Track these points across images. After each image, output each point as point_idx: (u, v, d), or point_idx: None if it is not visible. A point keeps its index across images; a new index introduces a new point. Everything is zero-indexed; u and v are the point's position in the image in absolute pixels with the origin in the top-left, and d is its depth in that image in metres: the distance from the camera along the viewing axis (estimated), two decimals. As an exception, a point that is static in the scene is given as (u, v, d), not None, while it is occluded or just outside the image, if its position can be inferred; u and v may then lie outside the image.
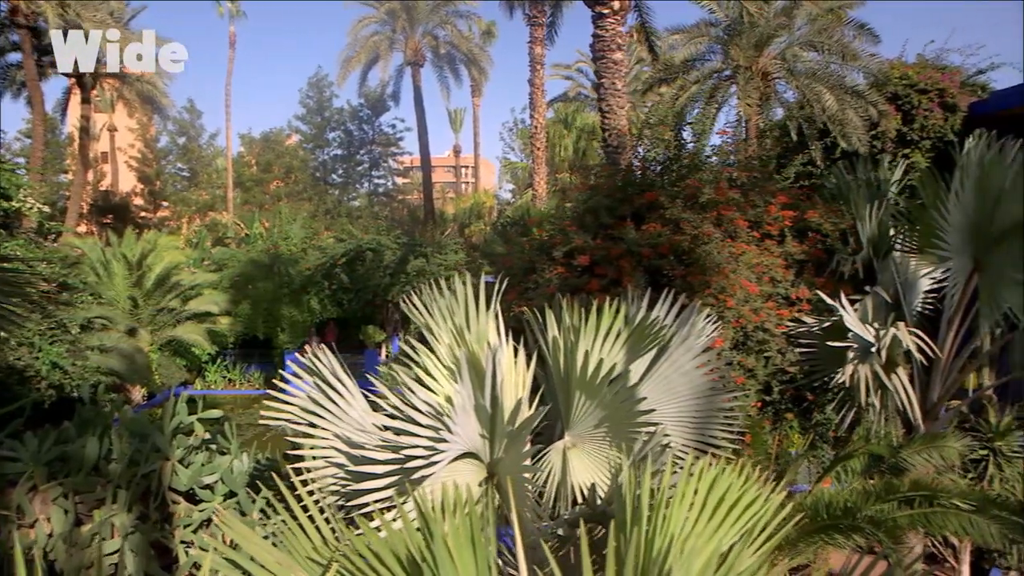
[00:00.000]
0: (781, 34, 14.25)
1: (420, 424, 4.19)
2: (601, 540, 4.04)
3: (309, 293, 24.27)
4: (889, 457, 6.46)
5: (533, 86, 21.52)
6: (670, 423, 5.50)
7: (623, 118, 11.37)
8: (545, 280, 6.94)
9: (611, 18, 11.44)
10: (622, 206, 7.60)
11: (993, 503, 5.75)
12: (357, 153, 48.51)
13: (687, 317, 5.42)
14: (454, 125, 68.60)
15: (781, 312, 7.09)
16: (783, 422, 7.20)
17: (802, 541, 5.85)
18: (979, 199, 6.58)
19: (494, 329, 4.92)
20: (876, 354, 6.55)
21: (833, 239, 7.79)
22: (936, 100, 15.73)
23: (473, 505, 3.01)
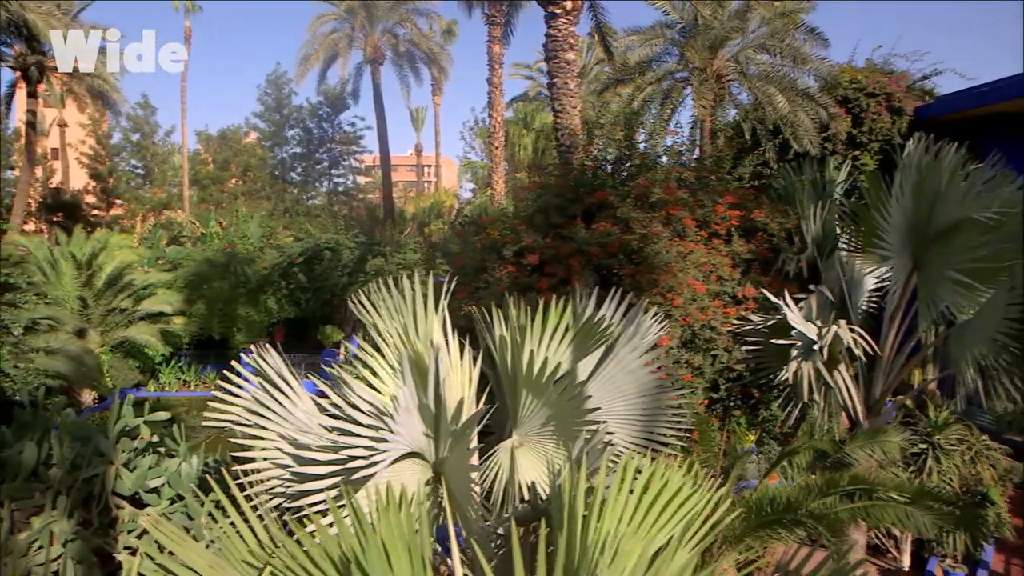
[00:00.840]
0: (735, 37, 14.46)
1: (361, 424, 4.17)
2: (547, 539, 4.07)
3: (266, 293, 23.95)
4: (832, 452, 6.61)
5: (492, 85, 21.51)
6: (617, 421, 5.55)
7: (576, 117, 11.43)
8: (495, 279, 6.94)
9: (563, 18, 11.48)
10: (572, 205, 7.64)
11: (927, 495, 5.92)
12: (316, 151, 47.98)
13: (633, 316, 5.48)
14: (416, 124, 68.28)
15: (728, 311, 7.20)
16: (731, 419, 7.31)
17: (748, 536, 5.95)
18: (917, 201, 6.77)
19: (439, 328, 4.92)
20: (818, 352, 6.69)
21: (779, 238, 7.94)
22: (884, 104, 16.17)
23: (408, 507, 3.00)
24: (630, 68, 14.93)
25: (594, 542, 2.96)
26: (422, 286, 5.03)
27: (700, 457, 6.28)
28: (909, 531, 6.06)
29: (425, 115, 65.34)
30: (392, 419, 4.07)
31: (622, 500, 3.08)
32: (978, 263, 6.61)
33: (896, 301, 7.42)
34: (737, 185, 8.79)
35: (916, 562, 9.48)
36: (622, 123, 8.88)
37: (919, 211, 6.81)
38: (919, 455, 9.05)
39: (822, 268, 7.84)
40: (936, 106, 16.48)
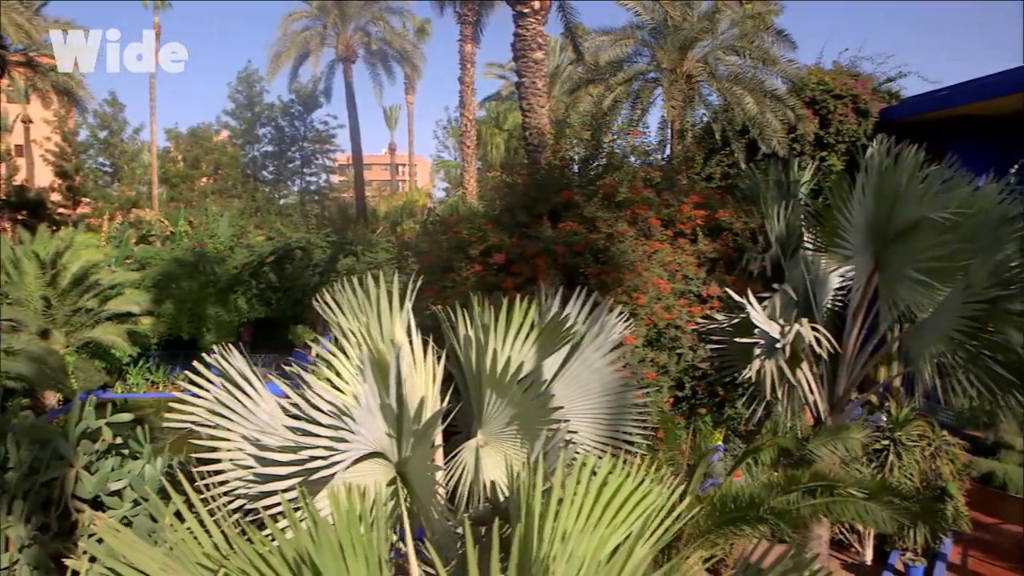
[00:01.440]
0: (704, 38, 14.58)
1: (321, 424, 4.14)
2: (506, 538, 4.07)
3: (236, 292, 23.72)
4: (795, 450, 6.70)
5: (463, 84, 21.48)
6: (581, 420, 5.57)
7: (544, 117, 11.44)
8: (462, 279, 6.93)
9: (532, 17, 11.48)
10: (539, 205, 7.65)
11: (886, 490, 6.02)
12: (288, 150, 47.52)
13: (598, 315, 5.50)
14: (389, 122, 67.99)
15: (693, 309, 7.26)
16: (697, 417, 7.37)
17: (712, 533, 6.02)
18: (878, 201, 6.88)
19: (402, 327, 4.90)
20: (781, 350, 6.77)
21: (744, 238, 8.02)
22: (850, 105, 16.43)
23: (366, 507, 2.98)
24: (601, 68, 14.98)
25: (549, 540, 2.97)
26: (387, 285, 5.01)
27: (666, 455, 6.33)
28: (869, 526, 6.15)
29: (399, 114, 65.10)
30: (352, 419, 4.04)
31: (578, 499, 3.09)
32: (936, 262, 6.74)
33: (858, 300, 7.54)
34: (705, 185, 8.87)
35: (878, 556, 9.65)
36: (589, 123, 8.90)
37: (880, 211, 6.92)
38: (881, 451, 9.21)
39: (786, 267, 7.94)
40: (900, 108, 16.79)
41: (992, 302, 6.20)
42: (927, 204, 6.57)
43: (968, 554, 9.77)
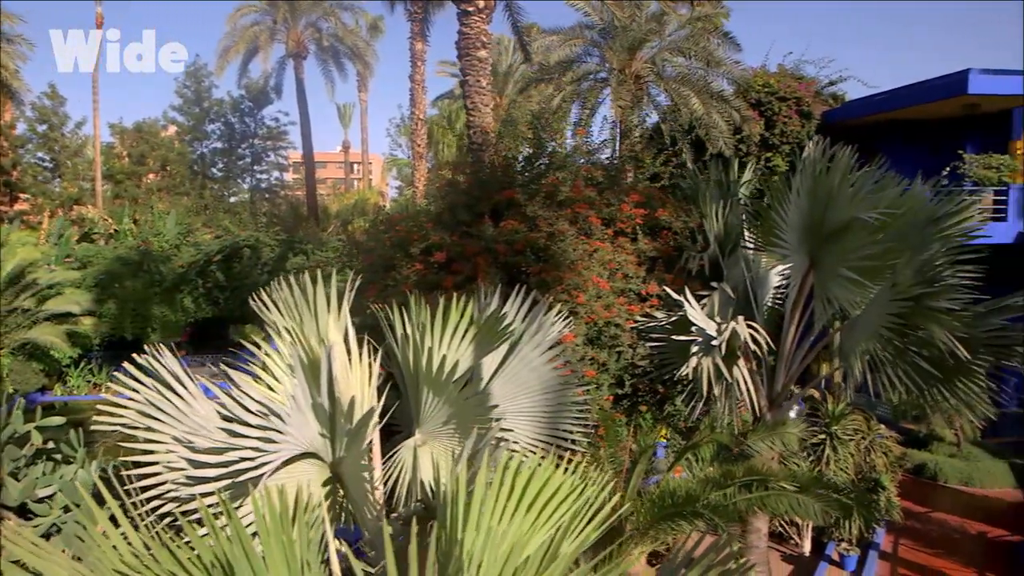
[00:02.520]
0: (652, 39, 14.75)
1: (250, 425, 4.08)
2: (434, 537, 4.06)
3: (182, 291, 23.23)
4: (732, 445, 6.82)
5: (414, 82, 21.37)
6: (520, 419, 5.58)
7: (488, 116, 11.43)
8: (403, 277, 6.88)
9: (476, 16, 11.46)
10: (480, 203, 7.64)
11: (817, 483, 6.18)
12: (239, 147, 46.57)
13: (536, 313, 5.52)
14: (344, 120, 67.12)
15: (632, 308, 7.33)
16: (638, 414, 7.46)
17: (652, 528, 6.10)
18: (812, 201, 7.03)
19: (336, 326, 4.84)
20: (717, 347, 6.88)
21: (683, 237, 8.14)
22: (794, 108, 16.85)
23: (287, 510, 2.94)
24: (550, 68, 15.05)
25: (472, 538, 2.97)
26: (325, 284, 4.95)
27: (607, 452, 6.38)
28: (800, 518, 6.31)
29: (353, 112, 64.38)
30: (280, 419, 3.99)
31: (502, 497, 3.10)
32: (867, 261, 6.92)
33: (795, 298, 7.71)
34: (649, 184, 8.97)
35: (816, 547, 9.92)
36: (531, 122, 8.93)
37: (814, 211, 7.08)
38: (818, 445, 9.45)
39: (724, 266, 8.07)
40: (841, 111, 17.27)
41: (916, 300, 6.40)
42: (858, 204, 6.74)
43: (899, 542, 10.11)
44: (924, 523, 10.82)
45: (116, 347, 22.84)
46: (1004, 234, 14.34)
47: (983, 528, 10.71)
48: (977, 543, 10.25)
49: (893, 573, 9.25)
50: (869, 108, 16.66)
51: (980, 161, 14.92)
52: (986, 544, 10.23)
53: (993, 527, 10.71)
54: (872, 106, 16.57)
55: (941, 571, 9.30)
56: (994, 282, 7.47)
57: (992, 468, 12.46)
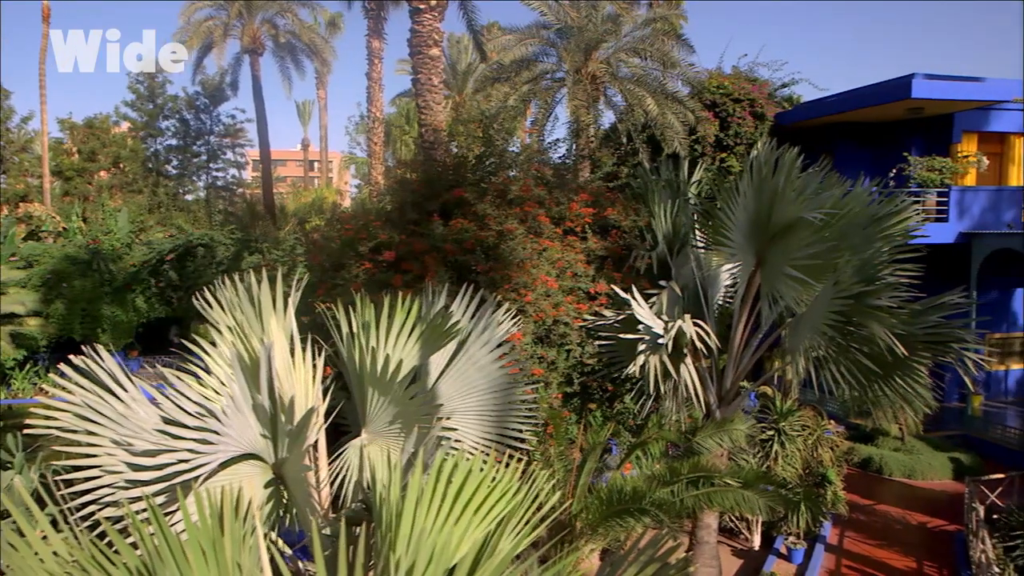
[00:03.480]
0: (608, 40, 14.84)
1: (187, 426, 4.00)
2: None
3: (134, 291, 22.69)
4: (680, 442, 6.90)
5: (371, 80, 21.16)
6: (468, 417, 5.57)
7: (440, 114, 11.37)
8: (352, 276, 6.82)
9: (428, 14, 11.39)
10: (429, 202, 7.61)
11: (762, 479, 6.29)
12: (194, 144, 45.57)
13: (484, 312, 5.52)
14: (303, 118, 66.32)
15: (581, 306, 7.38)
16: (587, 412, 7.50)
17: (601, 526, 6.15)
18: (758, 201, 7.15)
19: (278, 325, 4.78)
20: (664, 346, 6.95)
21: (632, 236, 8.22)
22: (748, 109, 17.11)
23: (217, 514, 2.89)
24: (506, 67, 15.05)
25: (406, 538, 2.97)
26: (270, 283, 4.89)
27: (556, 450, 6.40)
28: (746, 513, 6.41)
29: (312, 109, 63.57)
30: (218, 420, 3.92)
31: (437, 497, 3.10)
32: (811, 260, 7.06)
33: (743, 296, 7.83)
34: (600, 184, 9.02)
35: (766, 541, 10.11)
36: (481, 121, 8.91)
37: (760, 211, 7.20)
38: (767, 441, 9.62)
39: (672, 264, 8.16)
40: (793, 113, 17.61)
41: (857, 297, 6.55)
42: (802, 204, 6.86)
43: (845, 535, 10.37)
44: (869, 515, 11.10)
45: (64, 348, 22.19)
46: (946, 234, 14.77)
47: (924, 519, 11.03)
48: (918, 533, 10.56)
49: (838, 564, 9.47)
50: (820, 110, 17.01)
51: (924, 163, 15.35)
52: (926, 534, 10.54)
53: (933, 518, 11.03)
54: (823, 108, 16.92)
55: (883, 561, 9.55)
56: (937, 280, 7.70)
57: (933, 461, 12.83)
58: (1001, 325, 16.61)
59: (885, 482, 12.61)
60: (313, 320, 5.38)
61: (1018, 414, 15.07)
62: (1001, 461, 12.56)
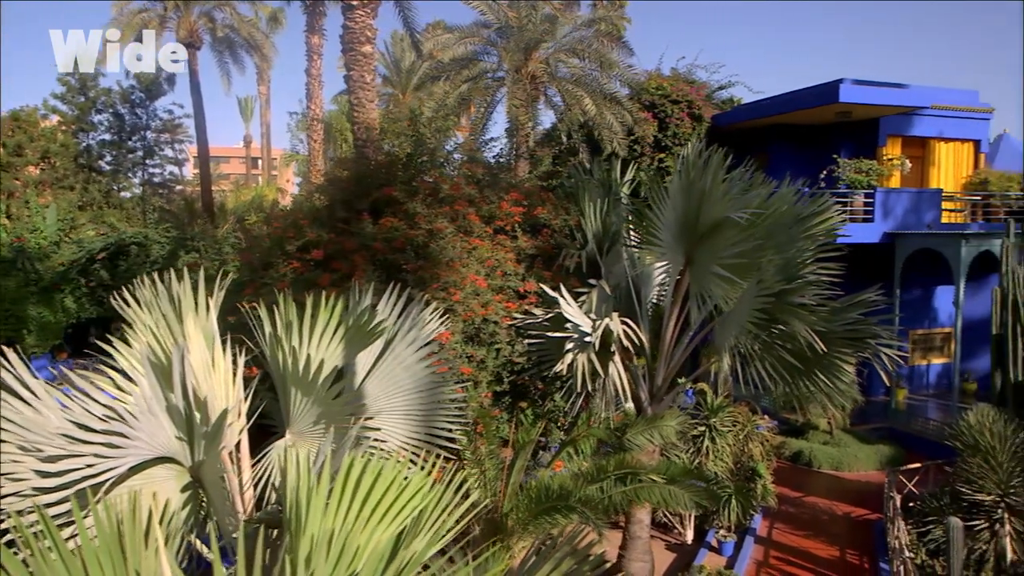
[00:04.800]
0: (548, 40, 14.93)
1: (95, 430, 3.88)
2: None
3: (63, 291, 21.90)
4: (609, 440, 6.97)
5: (310, 76, 20.89)
6: (395, 417, 5.53)
7: (372, 112, 11.28)
8: (279, 275, 6.71)
9: (360, 10, 11.27)
10: (359, 200, 7.55)
11: (688, 474, 6.41)
12: (129, 139, 44.14)
13: (410, 311, 5.49)
14: (244, 114, 64.90)
15: (510, 305, 7.41)
16: (518, 411, 7.53)
17: (531, 523, 6.18)
18: (686, 201, 7.28)
19: (195, 325, 4.67)
20: (591, 344, 7.02)
21: (562, 235, 8.29)
22: (686, 110, 17.42)
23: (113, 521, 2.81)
24: (447, 65, 15.01)
25: (312, 542, 2.93)
26: (190, 282, 4.78)
27: (487, 449, 6.41)
28: (672, 508, 6.53)
29: (254, 105, 62.24)
30: (126, 423, 3.81)
31: (346, 499, 3.07)
32: (738, 259, 7.22)
33: (672, 294, 7.96)
34: (535, 183, 9.06)
35: (699, 535, 10.31)
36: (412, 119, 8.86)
37: (689, 211, 7.33)
38: (698, 437, 9.81)
39: (602, 263, 8.25)
40: (729, 115, 18.00)
41: (779, 296, 6.73)
42: (729, 204, 7.01)
43: (774, 526, 10.65)
44: (798, 507, 11.43)
45: (-13, 351, 21.30)
46: (872, 234, 15.29)
47: (849, 509, 11.41)
48: (843, 523, 10.92)
49: (766, 556, 9.72)
50: (755, 112, 17.42)
51: (852, 165, 15.86)
52: (850, 524, 10.91)
53: (858, 508, 11.42)
54: (758, 111, 17.33)
55: (809, 551, 9.85)
56: (864, 279, 7.94)
57: (860, 453, 13.28)
58: (923, 322, 17.27)
59: (814, 474, 13.00)
60: (240, 320, 5.28)
61: (939, 406, 15.70)
62: (922, 452, 13.06)
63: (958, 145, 17.73)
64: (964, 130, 17.54)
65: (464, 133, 13.72)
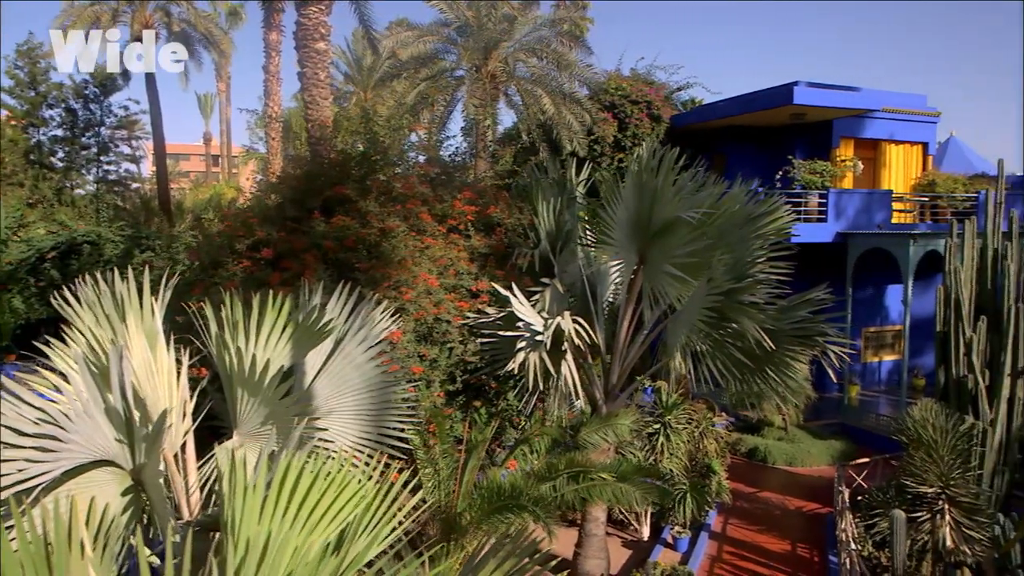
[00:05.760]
0: (506, 39, 14.94)
1: (26, 434, 3.78)
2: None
3: (11, 291, 21.32)
4: (562, 438, 7.01)
5: (268, 73, 20.56)
6: (345, 418, 5.49)
7: (327, 110, 11.17)
8: (229, 274, 6.62)
9: (314, 6, 11.15)
10: (310, 199, 7.48)
11: (639, 472, 6.47)
12: (83, 135, 43.07)
13: (360, 310, 5.45)
14: (204, 111, 63.79)
15: (463, 304, 7.40)
16: (472, 410, 7.53)
17: (484, 522, 6.19)
18: (639, 200, 7.34)
19: (137, 325, 4.59)
20: (543, 342, 7.05)
21: (515, 234, 8.31)
22: (645, 111, 17.59)
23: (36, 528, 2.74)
24: (404, 64, 14.94)
25: (246, 545, 2.90)
26: (136, 281, 4.69)
27: (441, 448, 6.39)
28: (623, 505, 6.59)
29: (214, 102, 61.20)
30: (59, 425, 3.72)
31: (283, 501, 3.04)
32: (689, 258, 7.31)
33: (626, 293, 8.03)
34: (489, 182, 9.06)
35: (655, 532, 10.42)
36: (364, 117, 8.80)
37: (641, 210, 7.39)
38: (653, 434, 9.91)
39: (556, 262, 8.28)
40: (687, 116, 18.21)
41: (728, 294, 6.83)
42: (680, 204, 7.09)
43: (729, 522, 10.81)
44: (752, 502, 11.62)
45: (-69, 354, 20.64)
46: (825, 233, 15.61)
47: (801, 504, 11.64)
48: (795, 518, 11.14)
49: (720, 551, 9.87)
50: (712, 113, 17.65)
51: (806, 166, 16.16)
52: (803, 518, 11.13)
53: (810, 502, 11.66)
54: (715, 112, 17.56)
55: (762, 546, 10.03)
56: (817, 277, 8.09)
57: (813, 448, 13.56)
58: (876, 319, 17.68)
59: (769, 470, 13.23)
60: (188, 320, 5.20)
61: (889, 402, 16.08)
62: (873, 447, 13.37)
63: (907, 147, 18.19)
64: (913, 133, 18.01)
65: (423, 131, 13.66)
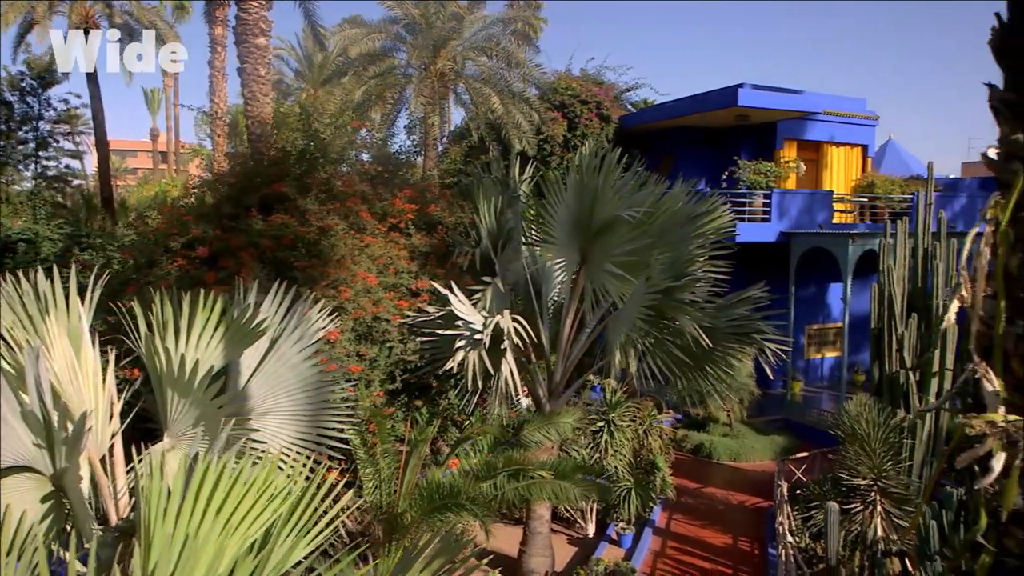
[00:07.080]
0: (455, 38, 14.92)
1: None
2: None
3: (-62, 292, 20.45)
4: (503, 437, 7.02)
5: (213, 68, 20.14)
6: (280, 418, 5.41)
7: (267, 106, 11.00)
8: (163, 273, 6.47)
9: (254, 1, 10.98)
10: (247, 196, 7.36)
11: (579, 470, 6.52)
12: (19, 129, 41.65)
13: (295, 310, 5.38)
14: (151, 106, 62.18)
15: (403, 303, 7.37)
16: (413, 409, 7.51)
17: (424, 522, 6.17)
18: (580, 199, 7.39)
19: (61, 326, 4.46)
20: (482, 341, 7.05)
21: (456, 233, 8.31)
22: (595, 111, 17.72)
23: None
24: (352, 61, 14.81)
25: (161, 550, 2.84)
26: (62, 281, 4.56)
27: (382, 448, 6.35)
28: (563, 503, 6.63)
29: (162, 97, 59.64)
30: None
31: (201, 504, 2.99)
32: (630, 257, 7.39)
33: (569, 292, 8.08)
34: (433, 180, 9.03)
35: (600, 529, 10.52)
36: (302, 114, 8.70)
37: (582, 209, 7.44)
38: (598, 432, 10.00)
39: (497, 261, 8.29)
40: (636, 116, 18.42)
41: (666, 292, 6.92)
42: (620, 203, 7.16)
43: (673, 517, 10.97)
44: (696, 498, 11.82)
45: None
46: (769, 233, 15.94)
47: (744, 498, 11.88)
48: (738, 512, 11.36)
49: (664, 546, 10.00)
50: (661, 114, 17.88)
51: (751, 167, 16.48)
52: (745, 512, 11.36)
53: (752, 496, 11.91)
54: (663, 112, 17.79)
55: (705, 540, 10.20)
56: (761, 276, 8.24)
57: (757, 444, 13.84)
58: (818, 317, 18.13)
59: (714, 466, 13.47)
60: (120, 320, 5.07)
61: (831, 398, 16.50)
62: (814, 441, 13.68)
63: (848, 149, 18.70)
64: (853, 135, 18.52)
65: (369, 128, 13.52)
